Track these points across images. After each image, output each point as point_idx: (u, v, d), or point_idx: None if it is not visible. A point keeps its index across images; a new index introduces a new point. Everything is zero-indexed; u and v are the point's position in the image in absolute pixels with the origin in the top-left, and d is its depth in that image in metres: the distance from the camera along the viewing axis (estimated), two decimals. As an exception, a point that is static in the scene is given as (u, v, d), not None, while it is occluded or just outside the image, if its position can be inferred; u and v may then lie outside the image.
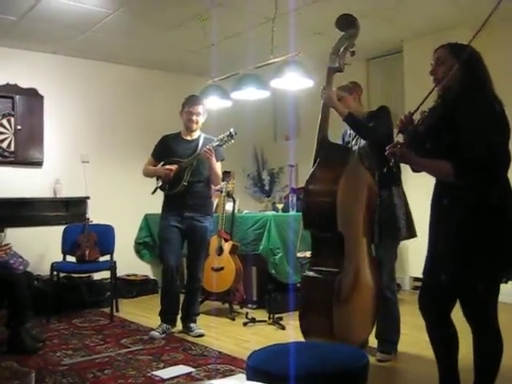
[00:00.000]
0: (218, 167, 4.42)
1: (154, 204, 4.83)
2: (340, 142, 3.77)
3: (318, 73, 4.88)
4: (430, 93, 2.43)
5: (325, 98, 3.32)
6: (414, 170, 2.64)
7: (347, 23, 3.24)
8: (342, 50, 3.23)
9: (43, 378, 3.22)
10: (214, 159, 4.26)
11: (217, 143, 4.23)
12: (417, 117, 2.47)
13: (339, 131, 3.83)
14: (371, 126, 3.42)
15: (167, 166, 4.29)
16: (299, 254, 3.85)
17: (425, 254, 2.59)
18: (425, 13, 5.10)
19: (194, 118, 4.38)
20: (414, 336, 3.86)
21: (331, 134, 3.37)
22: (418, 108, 2.45)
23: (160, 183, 4.38)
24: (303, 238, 3.90)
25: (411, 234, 3.54)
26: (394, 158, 2.45)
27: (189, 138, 4.45)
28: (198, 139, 4.43)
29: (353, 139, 3.65)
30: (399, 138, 2.49)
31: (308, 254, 3.89)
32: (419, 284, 5.82)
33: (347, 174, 3.12)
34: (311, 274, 3.16)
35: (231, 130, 4.22)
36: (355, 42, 3.28)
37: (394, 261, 3.60)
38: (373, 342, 3.62)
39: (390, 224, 3.44)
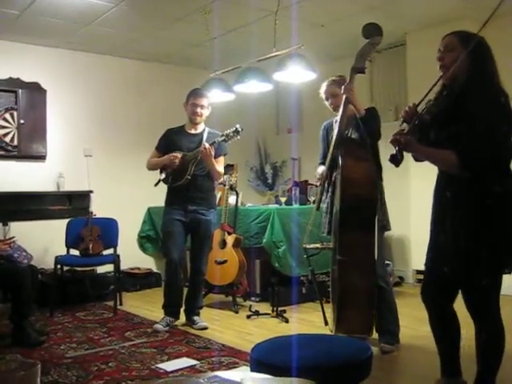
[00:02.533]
0: (221, 161, 4.41)
1: (157, 197, 4.83)
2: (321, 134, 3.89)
3: (320, 65, 4.89)
4: (436, 83, 2.42)
5: (349, 94, 3.35)
6: (417, 160, 2.63)
7: (374, 31, 3.33)
8: (367, 54, 3.34)
9: (48, 371, 3.24)
10: (212, 159, 4.22)
11: (222, 138, 4.22)
12: (422, 106, 2.45)
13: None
14: (372, 125, 3.51)
15: (172, 154, 4.29)
16: (307, 245, 3.82)
17: (427, 247, 2.59)
18: (428, 5, 5.07)
19: (199, 110, 4.36)
20: (416, 328, 3.87)
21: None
22: (422, 99, 2.43)
23: (163, 176, 4.37)
24: (311, 233, 3.88)
25: (389, 227, 3.69)
26: (397, 145, 2.43)
27: (193, 131, 4.45)
28: (202, 133, 4.41)
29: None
30: (404, 126, 2.48)
31: (318, 245, 3.88)
32: (422, 277, 5.85)
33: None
34: (345, 258, 3.11)
35: (237, 126, 4.19)
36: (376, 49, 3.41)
37: (384, 252, 3.66)
38: (375, 334, 3.61)
39: (379, 217, 3.48)
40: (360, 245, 3.15)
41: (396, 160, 2.46)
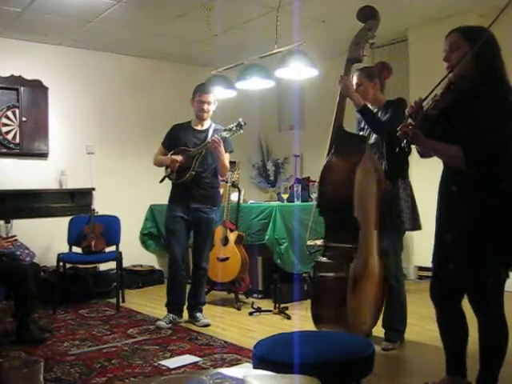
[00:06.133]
0: (227, 158, 4.40)
1: (159, 194, 4.83)
2: (355, 127, 3.76)
3: (322, 62, 4.88)
4: (443, 79, 2.39)
5: (342, 88, 3.33)
6: (422, 156, 2.63)
7: (368, 14, 3.29)
8: (362, 41, 3.26)
9: (51, 368, 3.25)
10: (222, 149, 4.21)
11: (225, 133, 4.20)
12: (428, 101, 2.44)
13: (353, 119, 3.80)
14: (385, 118, 3.43)
15: (173, 156, 4.28)
16: (309, 242, 3.85)
17: (430, 243, 2.59)
18: (430, 0, 5.05)
19: (206, 106, 4.33)
20: (419, 325, 3.87)
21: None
22: (429, 94, 2.42)
23: (169, 172, 4.37)
24: (312, 230, 3.90)
25: (416, 226, 3.55)
26: (406, 138, 2.43)
27: (199, 127, 4.43)
28: (208, 129, 4.39)
29: (368, 128, 3.63)
30: (410, 121, 2.48)
31: (318, 242, 3.90)
32: (424, 273, 5.85)
33: (363, 162, 3.15)
34: (325, 259, 3.17)
35: (240, 119, 4.16)
36: (376, 33, 3.34)
37: (400, 252, 3.60)
38: (377, 331, 3.62)
39: (394, 217, 3.44)
40: (336, 245, 3.17)
41: (404, 152, 2.51)
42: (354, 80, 3.58)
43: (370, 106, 3.62)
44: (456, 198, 2.43)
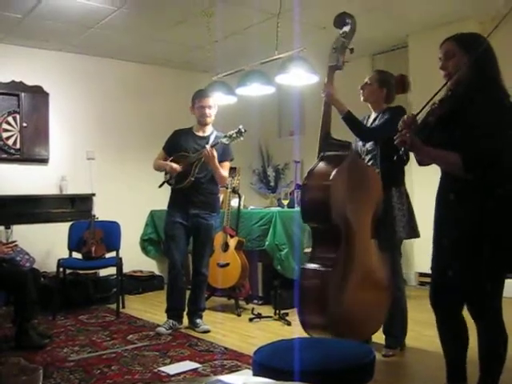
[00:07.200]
0: (226, 166, 4.39)
1: (160, 200, 4.82)
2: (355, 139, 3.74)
3: (322, 68, 4.88)
4: (441, 89, 2.39)
5: (325, 95, 3.34)
6: (420, 164, 2.62)
7: (343, 21, 3.29)
8: (339, 48, 3.27)
9: (50, 374, 3.24)
10: (215, 161, 4.20)
11: (225, 139, 4.20)
12: (426, 110, 2.44)
13: (341, 127, 3.80)
14: (374, 126, 3.46)
15: (174, 165, 4.28)
16: (307, 250, 3.84)
17: (430, 250, 2.58)
18: (430, 6, 5.07)
19: (207, 111, 4.34)
20: (419, 331, 3.86)
21: (334, 130, 3.38)
22: (422, 109, 2.41)
23: (168, 177, 4.37)
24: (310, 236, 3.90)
25: (413, 234, 3.55)
26: (403, 146, 2.42)
27: (201, 133, 4.42)
28: (209, 136, 4.39)
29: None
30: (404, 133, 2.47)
31: None
32: (425, 279, 5.83)
33: (344, 168, 3.13)
34: (308, 266, 3.19)
35: (240, 126, 4.15)
36: (353, 39, 3.36)
37: (399, 259, 3.59)
38: (377, 338, 3.60)
39: (387, 225, 3.41)
40: (318, 252, 3.19)
41: (402, 160, 2.51)
42: (367, 78, 3.61)
43: (370, 107, 3.64)
44: (454, 204, 2.42)
